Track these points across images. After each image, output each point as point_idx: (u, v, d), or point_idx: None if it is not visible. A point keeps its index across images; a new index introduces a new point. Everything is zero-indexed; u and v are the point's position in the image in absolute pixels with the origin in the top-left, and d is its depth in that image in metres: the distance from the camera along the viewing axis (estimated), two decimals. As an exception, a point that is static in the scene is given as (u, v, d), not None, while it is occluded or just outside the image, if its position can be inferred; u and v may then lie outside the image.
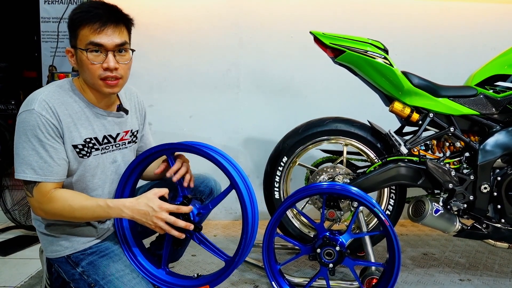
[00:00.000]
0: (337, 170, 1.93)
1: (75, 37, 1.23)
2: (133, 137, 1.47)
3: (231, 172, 1.31)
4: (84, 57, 1.22)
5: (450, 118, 1.83)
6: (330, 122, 1.96)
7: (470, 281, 1.91)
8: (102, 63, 1.23)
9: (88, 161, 1.31)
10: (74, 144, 1.26)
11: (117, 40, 1.24)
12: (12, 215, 2.58)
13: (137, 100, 1.52)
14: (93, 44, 1.21)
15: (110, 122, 1.36)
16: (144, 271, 1.40)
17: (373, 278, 1.68)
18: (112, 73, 1.25)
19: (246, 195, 1.31)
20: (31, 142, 1.19)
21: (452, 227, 1.80)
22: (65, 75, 2.76)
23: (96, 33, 1.20)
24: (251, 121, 2.82)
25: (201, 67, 2.77)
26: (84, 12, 1.22)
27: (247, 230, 1.31)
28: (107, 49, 1.23)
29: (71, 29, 1.25)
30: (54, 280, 1.42)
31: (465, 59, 2.72)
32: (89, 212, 1.24)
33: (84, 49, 1.21)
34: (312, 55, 2.41)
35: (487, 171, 1.78)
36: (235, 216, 2.89)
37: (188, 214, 1.33)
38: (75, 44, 1.25)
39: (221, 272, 1.37)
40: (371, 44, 1.78)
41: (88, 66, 1.23)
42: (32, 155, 1.19)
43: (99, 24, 1.20)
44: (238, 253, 1.33)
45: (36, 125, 1.19)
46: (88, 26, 1.20)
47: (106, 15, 1.22)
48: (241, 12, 2.75)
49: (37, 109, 1.19)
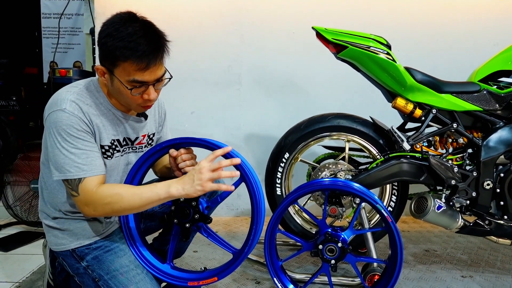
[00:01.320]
0: (339, 167, 1.92)
1: (114, 65, 1.18)
2: (149, 140, 1.48)
3: (241, 164, 1.31)
4: (124, 88, 1.20)
5: (453, 114, 1.82)
6: (332, 118, 1.95)
7: (472, 278, 1.91)
8: (142, 94, 1.22)
9: (110, 162, 1.32)
10: (102, 145, 1.28)
11: (159, 74, 1.23)
12: (13, 211, 2.58)
13: (157, 103, 1.53)
14: (137, 82, 1.19)
15: (130, 125, 1.38)
16: (150, 266, 1.41)
17: (375, 274, 1.67)
18: (152, 102, 1.26)
19: (255, 186, 1.32)
20: (67, 141, 1.18)
21: (455, 224, 1.79)
22: (66, 71, 2.75)
23: (141, 71, 1.17)
24: (253, 117, 2.82)
25: (203, 64, 2.77)
26: (127, 49, 1.14)
27: (257, 220, 1.33)
28: (149, 84, 1.22)
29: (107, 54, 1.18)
30: (58, 274, 1.42)
31: (468, 55, 2.70)
32: (137, 196, 1.21)
33: (127, 86, 1.19)
34: (314, 51, 2.40)
35: (490, 167, 1.77)
36: (237, 213, 2.89)
37: (198, 207, 1.35)
38: (111, 70, 1.20)
39: (229, 264, 1.38)
40: (374, 39, 1.77)
41: (128, 96, 1.22)
42: (72, 153, 1.18)
43: (145, 64, 1.16)
44: (248, 244, 1.34)
45: (70, 124, 1.18)
46: (132, 64, 1.16)
47: (152, 52, 1.17)
48: (243, 8, 2.74)
49: (69, 109, 1.19)
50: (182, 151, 1.35)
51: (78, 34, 4.24)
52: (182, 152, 1.35)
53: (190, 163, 1.35)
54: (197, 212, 1.36)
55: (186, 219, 1.36)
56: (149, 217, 1.55)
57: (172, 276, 1.41)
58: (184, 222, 1.36)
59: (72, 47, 4.27)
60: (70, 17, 4.11)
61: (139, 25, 1.18)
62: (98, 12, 2.68)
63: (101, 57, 1.22)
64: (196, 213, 1.36)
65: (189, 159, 1.36)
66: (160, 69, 1.23)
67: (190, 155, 1.37)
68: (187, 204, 1.35)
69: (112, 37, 1.16)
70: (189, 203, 1.35)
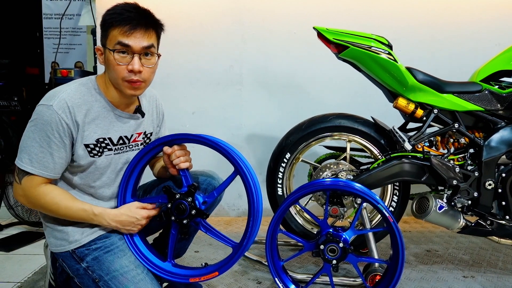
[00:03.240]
0: (340, 167, 1.92)
1: (106, 36, 1.27)
2: (145, 139, 1.48)
3: (234, 157, 1.34)
4: (111, 56, 1.25)
5: (455, 114, 1.82)
6: (333, 118, 1.95)
7: (473, 278, 1.91)
8: (127, 65, 1.26)
9: (99, 160, 1.33)
10: (86, 144, 1.29)
11: (145, 43, 1.27)
12: (15, 211, 2.59)
13: (155, 103, 1.54)
14: (121, 45, 1.24)
15: (126, 123, 1.39)
16: (151, 264, 1.41)
17: (377, 274, 1.67)
18: (135, 76, 1.27)
19: (250, 179, 1.34)
20: (38, 135, 1.22)
21: (456, 224, 1.79)
22: (68, 71, 2.75)
23: (125, 35, 1.24)
24: (254, 117, 2.82)
25: (204, 64, 2.77)
26: (116, 14, 1.24)
27: (253, 213, 1.35)
28: (133, 52, 1.26)
29: (103, 29, 1.28)
30: (59, 275, 1.43)
31: (469, 55, 2.70)
32: (74, 213, 1.29)
33: (112, 49, 1.24)
34: (315, 51, 2.40)
35: (491, 167, 1.77)
36: (238, 213, 2.89)
37: (195, 202, 1.37)
38: (104, 43, 1.28)
39: (229, 258, 1.39)
40: (375, 39, 1.77)
41: (114, 66, 1.26)
42: (34, 146, 1.22)
43: (130, 26, 1.24)
44: (246, 237, 1.36)
45: (49, 121, 1.21)
46: (118, 27, 1.23)
47: (137, 18, 1.25)
48: (244, 8, 2.74)
49: (55, 107, 1.22)
50: (176, 148, 1.38)
51: (79, 34, 4.25)
52: (176, 149, 1.37)
53: (184, 159, 1.38)
54: (193, 208, 1.37)
55: (183, 215, 1.37)
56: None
57: (174, 274, 1.42)
58: (181, 218, 1.37)
59: (73, 48, 4.27)
60: (71, 18, 4.11)
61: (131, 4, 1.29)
62: (99, 13, 2.68)
63: (101, 34, 1.29)
64: (193, 209, 1.37)
65: (183, 155, 1.38)
66: (148, 39, 1.27)
67: (184, 151, 1.40)
68: (183, 200, 1.36)
69: (108, 12, 1.27)
70: (185, 200, 1.36)
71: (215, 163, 2.15)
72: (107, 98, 1.33)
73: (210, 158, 2.17)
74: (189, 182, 1.40)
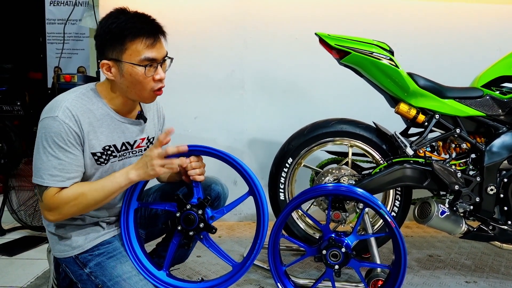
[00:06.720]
0: (342, 172, 1.93)
1: (122, 50, 1.23)
2: (149, 144, 1.48)
3: (252, 179, 1.35)
4: (138, 71, 1.25)
5: (456, 120, 1.82)
6: (335, 124, 1.95)
7: (476, 283, 1.90)
8: (153, 75, 1.27)
9: (105, 168, 1.33)
10: (93, 152, 1.28)
11: (164, 51, 1.30)
12: (18, 215, 2.59)
13: (156, 107, 1.54)
14: (148, 60, 1.24)
15: (129, 129, 1.38)
16: (145, 271, 1.39)
17: (379, 280, 1.67)
18: (163, 83, 1.30)
19: (263, 203, 1.35)
20: (51, 148, 1.20)
21: (458, 229, 1.79)
22: (71, 76, 2.76)
23: (150, 48, 1.24)
24: (256, 122, 2.82)
25: (206, 69, 2.78)
26: (132, 27, 1.22)
27: (261, 236, 1.35)
28: (158, 62, 1.27)
29: (114, 41, 1.24)
30: (62, 280, 1.43)
31: (470, 60, 2.70)
32: (100, 190, 1.24)
33: (138, 64, 1.24)
34: (317, 57, 2.41)
35: (493, 172, 1.77)
36: (240, 217, 2.89)
37: (204, 216, 1.36)
38: (119, 58, 1.24)
39: (228, 277, 1.38)
40: (376, 45, 1.78)
41: (142, 80, 1.26)
42: (52, 161, 1.20)
43: (153, 39, 1.24)
44: (250, 258, 1.36)
45: (58, 132, 1.20)
46: (140, 41, 1.23)
47: (154, 30, 1.26)
48: (246, 13, 2.75)
49: (61, 117, 1.21)
50: (192, 159, 1.36)
51: (82, 39, 4.27)
52: (192, 160, 1.36)
53: (199, 171, 1.37)
54: (202, 221, 1.36)
55: (190, 227, 1.36)
56: (151, 223, 1.55)
57: (166, 284, 1.40)
58: (188, 229, 1.36)
59: (76, 53, 4.30)
60: (74, 23, 4.14)
61: (134, 12, 1.27)
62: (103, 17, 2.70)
63: (107, 48, 1.25)
64: (201, 222, 1.36)
65: (198, 167, 1.37)
66: (164, 47, 1.30)
67: (200, 163, 1.38)
68: (194, 212, 1.36)
69: (115, 23, 1.22)
70: (195, 212, 1.36)
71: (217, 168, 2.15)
72: (110, 105, 1.32)
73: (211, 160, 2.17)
74: (201, 195, 1.39)
